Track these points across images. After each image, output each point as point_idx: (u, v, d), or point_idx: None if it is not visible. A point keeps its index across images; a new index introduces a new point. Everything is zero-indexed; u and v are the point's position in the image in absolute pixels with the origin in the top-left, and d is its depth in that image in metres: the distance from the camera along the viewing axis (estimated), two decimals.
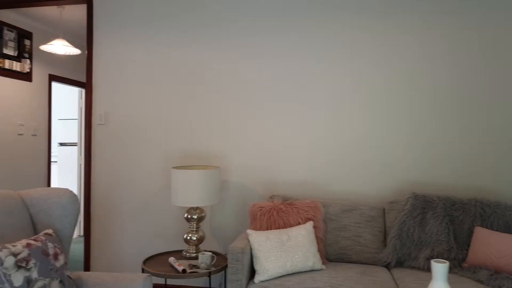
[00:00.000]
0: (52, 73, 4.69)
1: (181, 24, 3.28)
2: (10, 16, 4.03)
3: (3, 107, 3.95)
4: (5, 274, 1.49)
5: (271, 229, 2.58)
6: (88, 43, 3.47)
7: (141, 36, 3.36)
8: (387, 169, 3.00)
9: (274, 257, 2.32)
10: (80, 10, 4.03)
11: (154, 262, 2.71)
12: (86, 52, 3.47)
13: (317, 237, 2.61)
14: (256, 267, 2.33)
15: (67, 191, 2.00)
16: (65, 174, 6.28)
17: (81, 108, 5.59)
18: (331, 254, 2.70)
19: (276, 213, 2.64)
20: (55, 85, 6.24)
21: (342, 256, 2.68)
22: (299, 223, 2.61)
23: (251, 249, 2.42)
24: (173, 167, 2.82)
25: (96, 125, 3.46)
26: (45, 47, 3.92)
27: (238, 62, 3.20)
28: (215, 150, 3.23)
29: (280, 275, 2.32)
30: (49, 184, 4.67)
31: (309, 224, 2.55)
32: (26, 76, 4.25)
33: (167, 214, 3.29)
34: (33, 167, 4.39)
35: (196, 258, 2.79)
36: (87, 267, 3.40)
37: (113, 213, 3.38)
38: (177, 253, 2.91)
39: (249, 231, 2.44)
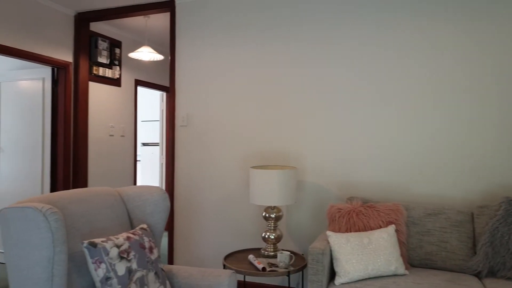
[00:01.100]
0: (137, 78, 5.06)
1: (259, 28, 3.36)
2: (103, 27, 4.42)
3: (97, 110, 4.35)
4: (110, 264, 1.65)
5: (350, 232, 2.55)
6: (171, 49, 3.68)
7: (221, 40, 3.49)
8: (474, 170, 2.80)
9: (355, 260, 2.28)
10: (163, 18, 4.29)
11: (233, 259, 2.80)
12: (170, 57, 3.68)
13: (399, 241, 2.52)
14: (337, 269, 2.31)
15: (158, 189, 2.16)
16: (147, 172, 6.74)
17: (162, 110, 5.96)
18: (414, 259, 2.59)
19: (356, 215, 2.60)
20: (140, 89, 6.72)
21: (426, 261, 2.56)
22: (380, 226, 2.54)
23: (330, 250, 2.41)
24: (251, 167, 2.89)
25: (179, 127, 3.66)
26: (133, 55, 4.24)
27: (313, 62, 3.19)
28: (291, 150, 3.26)
29: (361, 278, 2.28)
30: (135, 182, 5.03)
31: (391, 228, 2.47)
32: (116, 82, 4.64)
33: (245, 212, 3.39)
34: (122, 166, 4.77)
35: (274, 256, 2.84)
36: (170, 261, 3.62)
37: (194, 210, 3.55)
38: (256, 251, 2.99)
39: (328, 233, 2.43)
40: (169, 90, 3.68)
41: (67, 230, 1.71)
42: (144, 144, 7.02)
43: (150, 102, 6.98)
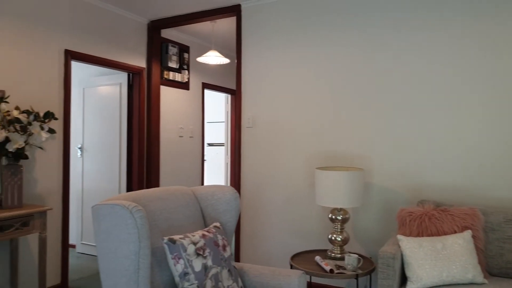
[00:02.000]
0: (204, 82, 5.26)
1: (324, 30, 3.34)
2: (173, 33, 4.65)
3: (168, 113, 4.60)
4: (188, 260, 1.75)
5: (422, 236, 2.45)
6: (237, 52, 3.79)
7: (285, 42, 3.53)
8: None
9: (428, 266, 2.20)
10: (229, 22, 4.42)
11: (300, 259, 2.83)
12: (236, 60, 3.79)
13: (476, 247, 2.38)
14: (408, 274, 2.25)
15: (230, 189, 2.24)
16: (212, 171, 6.96)
17: (227, 112, 6.13)
18: (494, 268, 2.44)
19: (428, 219, 2.50)
20: (206, 92, 6.96)
21: (508, 271, 2.40)
22: (455, 232, 2.42)
23: (401, 255, 2.34)
24: (317, 168, 2.89)
25: (245, 128, 3.76)
26: (200, 59, 4.41)
27: (380, 64, 3.11)
28: (357, 151, 3.21)
29: (434, 284, 2.20)
30: (202, 181, 5.24)
31: (467, 233, 2.35)
32: (184, 85, 4.86)
33: (310, 212, 3.40)
34: (190, 165, 4.99)
35: (341, 258, 2.82)
36: (237, 258, 3.73)
37: (260, 209, 3.63)
38: (322, 252, 2.98)
39: (399, 237, 2.36)
40: (236, 93, 3.79)
41: (149, 227, 1.84)
42: (209, 145, 7.27)
43: (215, 104, 7.21)
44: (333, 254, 2.86)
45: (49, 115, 2.80)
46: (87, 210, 4.38)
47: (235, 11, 3.81)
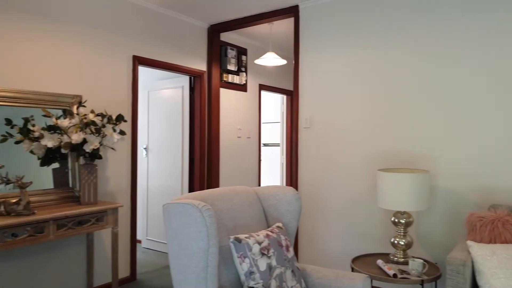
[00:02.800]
0: (261, 83, 5.32)
1: (381, 30, 3.26)
2: (231, 36, 4.76)
3: (227, 114, 4.72)
4: (253, 259, 1.80)
5: (494, 243, 2.32)
6: (295, 53, 3.80)
7: (343, 42, 3.49)
8: None
9: (503, 275, 2.08)
10: (286, 24, 4.45)
11: (361, 262, 2.78)
12: (294, 61, 3.80)
13: None
14: (480, 283, 2.13)
15: (291, 190, 2.26)
16: (268, 171, 7.02)
17: (283, 112, 6.16)
18: None
19: (502, 225, 2.35)
20: (262, 93, 7.04)
21: None
22: None
23: (472, 262, 2.23)
24: (379, 170, 2.83)
25: (302, 128, 3.76)
26: (258, 61, 4.48)
27: (439, 60, 2.97)
28: (421, 152, 3.09)
29: None
30: (259, 181, 5.31)
31: None
32: (242, 87, 4.95)
33: (372, 215, 3.32)
34: (247, 165, 5.08)
35: (403, 263, 2.74)
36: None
37: (318, 210, 3.61)
38: (384, 256, 2.91)
39: (469, 243, 2.25)
40: (293, 93, 3.80)
41: (217, 225, 1.91)
42: (264, 145, 7.34)
43: (270, 104, 7.26)
44: (395, 258, 2.78)
45: (120, 118, 2.99)
46: (152, 207, 4.61)
47: (293, 12, 3.83)
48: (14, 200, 2.49)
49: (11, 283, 2.76)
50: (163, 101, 4.59)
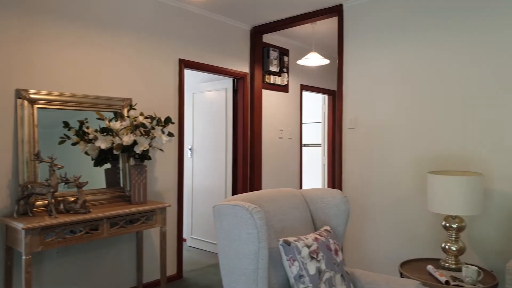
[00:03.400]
0: (302, 83, 5.29)
1: (428, 27, 3.14)
2: (273, 38, 4.77)
3: (269, 115, 4.73)
4: (302, 262, 1.80)
5: None
6: (339, 52, 3.75)
7: (389, 41, 3.40)
8: None
9: None
10: (329, 23, 4.39)
11: (410, 267, 2.70)
12: (337, 61, 3.75)
13: None
14: None
15: (339, 192, 2.24)
16: (309, 172, 6.97)
17: (324, 112, 6.09)
18: None
19: None
20: (304, 94, 7.01)
21: None
22: None
23: None
24: (429, 172, 2.73)
25: (346, 129, 3.70)
26: (301, 61, 4.46)
27: (492, 58, 2.82)
28: (472, 154, 2.95)
29: None
30: (301, 182, 5.28)
31: None
32: (284, 88, 4.95)
33: (420, 219, 3.22)
34: (289, 166, 5.07)
35: (455, 269, 2.63)
36: None
37: (363, 213, 3.54)
38: (434, 262, 2.81)
39: None
40: (337, 93, 3.75)
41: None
42: (305, 145, 7.30)
43: (311, 104, 7.21)
44: (446, 265, 2.68)
45: (168, 120, 3.08)
46: (196, 206, 4.71)
47: (336, 11, 3.78)
48: (72, 199, 2.63)
49: (70, 276, 2.92)
50: (207, 103, 4.68)
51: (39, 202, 2.65)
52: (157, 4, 3.51)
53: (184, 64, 3.74)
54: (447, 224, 2.69)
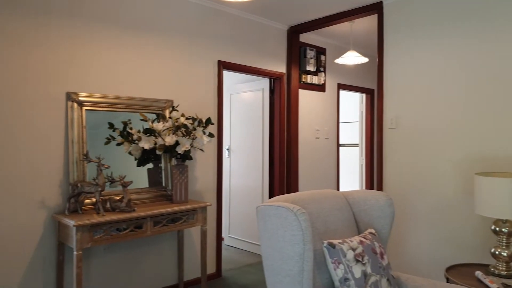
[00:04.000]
0: (340, 82, 5.22)
1: (474, 22, 3.01)
2: (310, 37, 4.74)
3: (305, 115, 4.70)
4: (348, 265, 1.78)
5: None
6: (379, 50, 3.67)
7: (432, 37, 3.29)
8: None
9: None
10: (367, 21, 4.31)
11: (456, 273, 2.60)
12: (377, 59, 3.67)
13: None
14: None
15: (383, 194, 2.19)
16: (345, 172, 6.87)
17: (362, 112, 5.98)
18: None
19: None
20: (341, 93, 6.92)
21: None
22: None
23: None
24: (476, 173, 2.63)
25: (387, 129, 3.62)
26: (339, 60, 4.40)
27: None
28: None
29: None
30: (338, 183, 5.22)
31: None
32: (321, 87, 4.91)
33: (466, 222, 3.10)
34: (326, 166, 5.01)
35: (507, 276, 2.51)
36: None
37: (405, 215, 3.45)
38: (482, 267, 2.70)
39: None
40: (377, 93, 3.68)
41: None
42: (341, 145, 7.20)
43: (348, 103, 7.10)
44: (497, 271, 2.56)
45: (209, 122, 3.13)
46: (234, 206, 4.76)
47: (376, 8, 3.70)
48: (118, 198, 2.73)
49: (116, 272, 3.03)
50: (244, 103, 4.71)
51: (87, 200, 2.76)
52: (197, 7, 3.57)
53: (223, 65, 3.79)
54: (497, 229, 2.58)
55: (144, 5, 3.21)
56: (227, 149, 4.85)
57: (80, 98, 2.83)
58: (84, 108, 2.85)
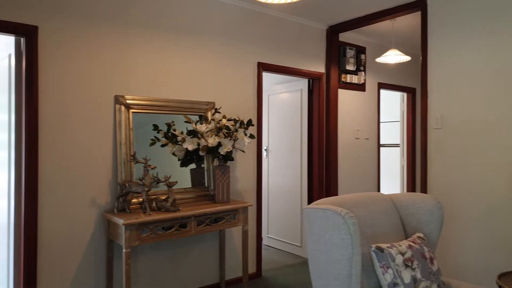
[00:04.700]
0: (380, 81, 5.12)
1: None
2: (349, 36, 4.67)
3: (345, 115, 4.64)
4: (397, 270, 1.74)
5: None
6: (422, 48, 3.56)
7: (480, 32, 3.15)
8: None
9: None
10: (410, 19, 4.20)
11: (509, 280, 2.49)
12: (421, 58, 3.57)
13: None
14: None
15: (431, 198, 2.13)
16: (384, 173, 6.71)
17: (403, 111, 5.83)
18: None
19: None
20: (381, 92, 6.78)
21: None
22: None
23: None
24: None
25: (432, 129, 3.51)
26: (380, 59, 4.31)
27: None
28: None
29: None
30: (379, 184, 5.11)
31: None
32: (360, 87, 4.82)
33: None
34: (366, 167, 4.93)
35: None
36: None
37: (451, 218, 3.34)
38: None
39: None
40: (421, 91, 3.58)
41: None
42: (381, 146, 7.04)
43: (388, 103, 6.93)
44: None
45: (250, 123, 3.16)
46: (272, 206, 4.78)
47: (419, 5, 3.60)
48: (163, 197, 2.81)
49: (162, 269, 3.12)
50: (282, 104, 4.71)
51: (134, 200, 2.86)
52: (238, 10, 3.61)
53: (262, 67, 3.81)
54: None
55: (187, 10, 3.28)
56: (265, 149, 4.87)
57: (127, 101, 2.93)
58: (131, 110, 2.95)
